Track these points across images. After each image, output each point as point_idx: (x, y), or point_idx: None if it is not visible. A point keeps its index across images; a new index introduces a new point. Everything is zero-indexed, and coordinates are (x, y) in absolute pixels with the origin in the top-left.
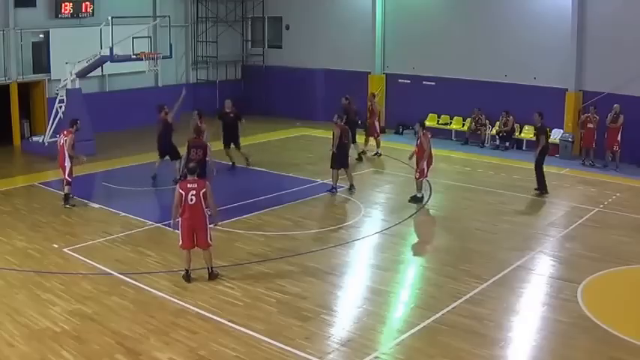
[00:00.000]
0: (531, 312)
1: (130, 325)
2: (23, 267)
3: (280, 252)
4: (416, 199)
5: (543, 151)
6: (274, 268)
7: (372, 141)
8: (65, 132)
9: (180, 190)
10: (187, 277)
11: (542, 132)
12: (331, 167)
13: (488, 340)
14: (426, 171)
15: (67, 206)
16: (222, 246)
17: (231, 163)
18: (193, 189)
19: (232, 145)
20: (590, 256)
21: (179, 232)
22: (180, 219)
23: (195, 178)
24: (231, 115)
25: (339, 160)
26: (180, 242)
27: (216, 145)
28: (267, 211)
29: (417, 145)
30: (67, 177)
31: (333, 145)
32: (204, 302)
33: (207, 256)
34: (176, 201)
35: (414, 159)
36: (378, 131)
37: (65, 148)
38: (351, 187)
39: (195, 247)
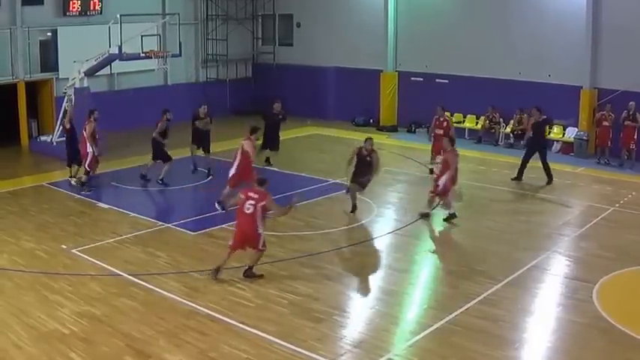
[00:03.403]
0: (546, 313)
1: (140, 326)
2: (31, 268)
3: (292, 252)
4: (424, 215)
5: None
6: (286, 268)
7: None
8: (86, 122)
9: (242, 195)
10: (215, 273)
11: (543, 126)
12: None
13: (503, 342)
14: (447, 188)
15: (82, 193)
16: None
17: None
18: (253, 199)
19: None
20: (606, 256)
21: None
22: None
23: (260, 189)
24: (279, 116)
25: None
26: (231, 242)
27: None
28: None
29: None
30: (86, 166)
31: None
32: (215, 303)
33: (254, 256)
34: (235, 200)
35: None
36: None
37: (85, 137)
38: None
39: (246, 249)
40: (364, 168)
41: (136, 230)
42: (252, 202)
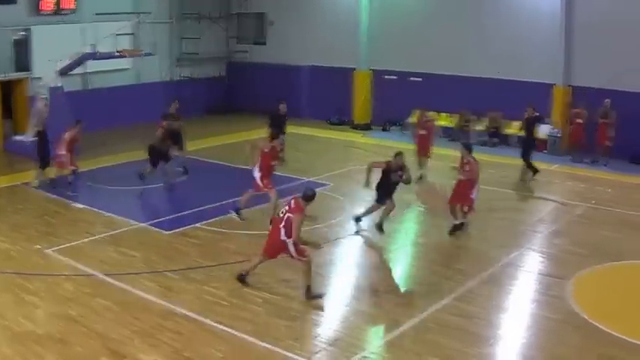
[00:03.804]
0: (520, 309)
1: (115, 326)
2: (5, 269)
3: None
4: (457, 228)
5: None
6: (260, 267)
7: None
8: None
9: (286, 201)
10: (242, 278)
11: (534, 123)
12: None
13: (478, 338)
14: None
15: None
16: (207, 246)
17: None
18: (288, 207)
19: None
20: (580, 253)
21: None
22: None
23: (301, 202)
24: (285, 117)
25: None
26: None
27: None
28: (252, 209)
29: (462, 171)
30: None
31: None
32: (190, 303)
33: (303, 274)
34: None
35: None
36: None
37: (64, 140)
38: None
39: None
40: (389, 186)
41: (111, 230)
42: (287, 208)
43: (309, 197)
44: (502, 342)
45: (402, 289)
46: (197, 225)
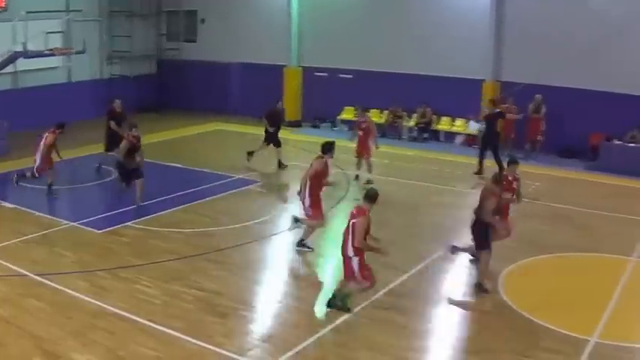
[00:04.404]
0: (452, 302)
1: (48, 327)
2: None
3: (197, 249)
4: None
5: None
6: (192, 265)
7: None
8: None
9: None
10: (332, 303)
11: (496, 119)
12: None
13: (410, 332)
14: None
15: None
16: (138, 244)
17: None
18: (352, 215)
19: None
20: (510, 246)
21: None
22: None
23: (364, 204)
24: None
25: None
26: None
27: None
28: (183, 207)
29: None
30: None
31: None
32: (122, 302)
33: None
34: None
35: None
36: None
37: (42, 144)
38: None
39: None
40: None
41: (42, 229)
42: (350, 217)
43: (371, 198)
44: (434, 335)
45: (334, 285)
46: (128, 223)
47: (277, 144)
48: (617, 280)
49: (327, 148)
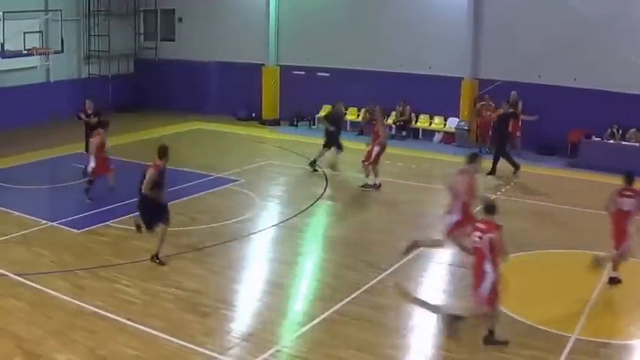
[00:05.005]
0: (432, 300)
1: (28, 327)
2: None
3: (176, 248)
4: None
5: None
6: (171, 264)
7: None
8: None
9: (470, 229)
10: (492, 340)
11: (508, 119)
12: None
13: (390, 330)
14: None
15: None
16: (118, 244)
17: None
18: (480, 230)
19: None
20: None
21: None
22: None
23: (489, 217)
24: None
25: None
26: None
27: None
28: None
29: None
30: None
31: None
32: (102, 301)
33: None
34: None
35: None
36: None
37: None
38: None
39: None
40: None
41: (21, 229)
42: (479, 234)
43: (492, 209)
44: (415, 332)
45: (314, 283)
46: (108, 223)
47: (339, 146)
48: (597, 277)
49: (472, 158)
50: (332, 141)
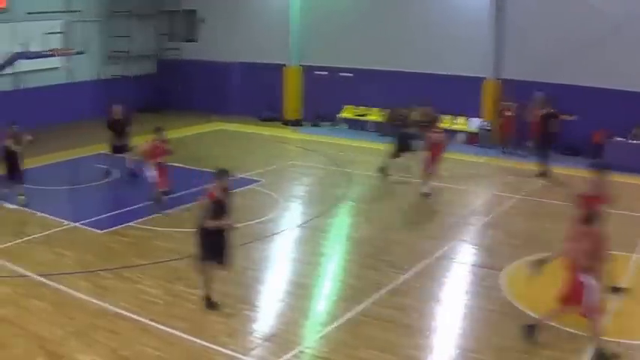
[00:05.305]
0: (454, 300)
1: (50, 327)
2: None
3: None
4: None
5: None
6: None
7: None
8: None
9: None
10: (531, 331)
11: (550, 119)
12: None
13: (413, 330)
14: None
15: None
16: (140, 244)
17: None
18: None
19: None
20: (512, 244)
21: None
22: None
23: (581, 226)
24: None
25: None
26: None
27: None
28: (185, 207)
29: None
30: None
31: None
32: (125, 302)
33: (588, 327)
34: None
35: None
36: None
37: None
38: None
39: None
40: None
41: (44, 230)
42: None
43: (594, 218)
44: (437, 333)
45: (336, 284)
46: (130, 224)
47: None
48: (620, 278)
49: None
50: (403, 145)
